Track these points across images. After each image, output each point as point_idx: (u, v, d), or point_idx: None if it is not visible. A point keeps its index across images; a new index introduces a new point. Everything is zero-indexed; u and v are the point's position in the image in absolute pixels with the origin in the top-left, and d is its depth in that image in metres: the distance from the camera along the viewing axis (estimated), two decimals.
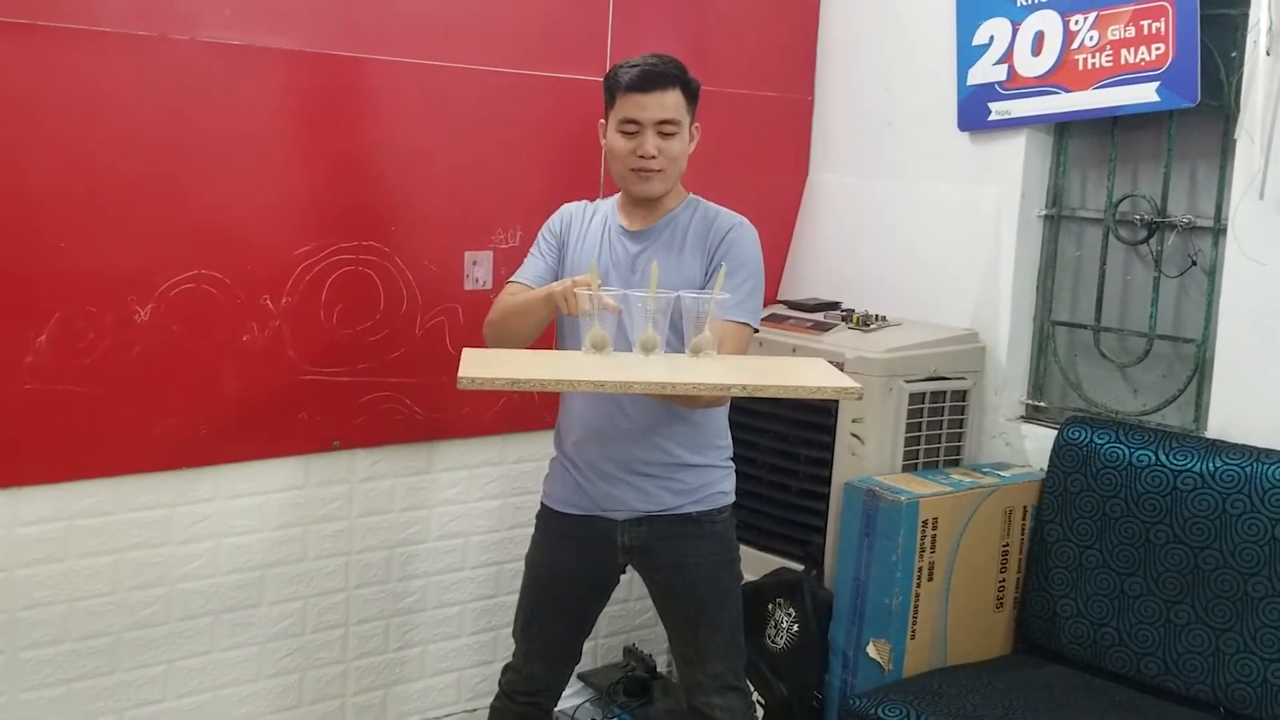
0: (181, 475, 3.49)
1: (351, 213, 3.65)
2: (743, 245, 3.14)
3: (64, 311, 3.21)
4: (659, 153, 3.07)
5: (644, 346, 2.82)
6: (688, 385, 2.68)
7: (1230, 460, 3.43)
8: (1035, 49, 3.95)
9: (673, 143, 3.08)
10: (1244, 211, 3.52)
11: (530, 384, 2.69)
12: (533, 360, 2.87)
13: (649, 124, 3.05)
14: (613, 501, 3.17)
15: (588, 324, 2.81)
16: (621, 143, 3.09)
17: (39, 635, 3.33)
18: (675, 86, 3.08)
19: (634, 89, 3.05)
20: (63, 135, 3.17)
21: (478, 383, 2.63)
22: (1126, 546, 3.57)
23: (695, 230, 3.15)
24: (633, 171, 3.10)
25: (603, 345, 2.82)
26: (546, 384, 2.74)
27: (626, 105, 3.07)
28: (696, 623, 3.21)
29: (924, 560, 3.59)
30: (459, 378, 2.61)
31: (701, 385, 2.70)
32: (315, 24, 3.52)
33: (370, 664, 3.95)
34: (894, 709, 3.33)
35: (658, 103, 3.05)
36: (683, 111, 3.10)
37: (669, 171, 3.10)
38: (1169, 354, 3.89)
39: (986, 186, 4.14)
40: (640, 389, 2.69)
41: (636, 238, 3.17)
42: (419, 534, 3.98)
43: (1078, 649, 3.65)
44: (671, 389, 2.69)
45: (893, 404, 3.82)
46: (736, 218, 3.18)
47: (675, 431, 3.14)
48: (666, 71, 3.07)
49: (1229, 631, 3.37)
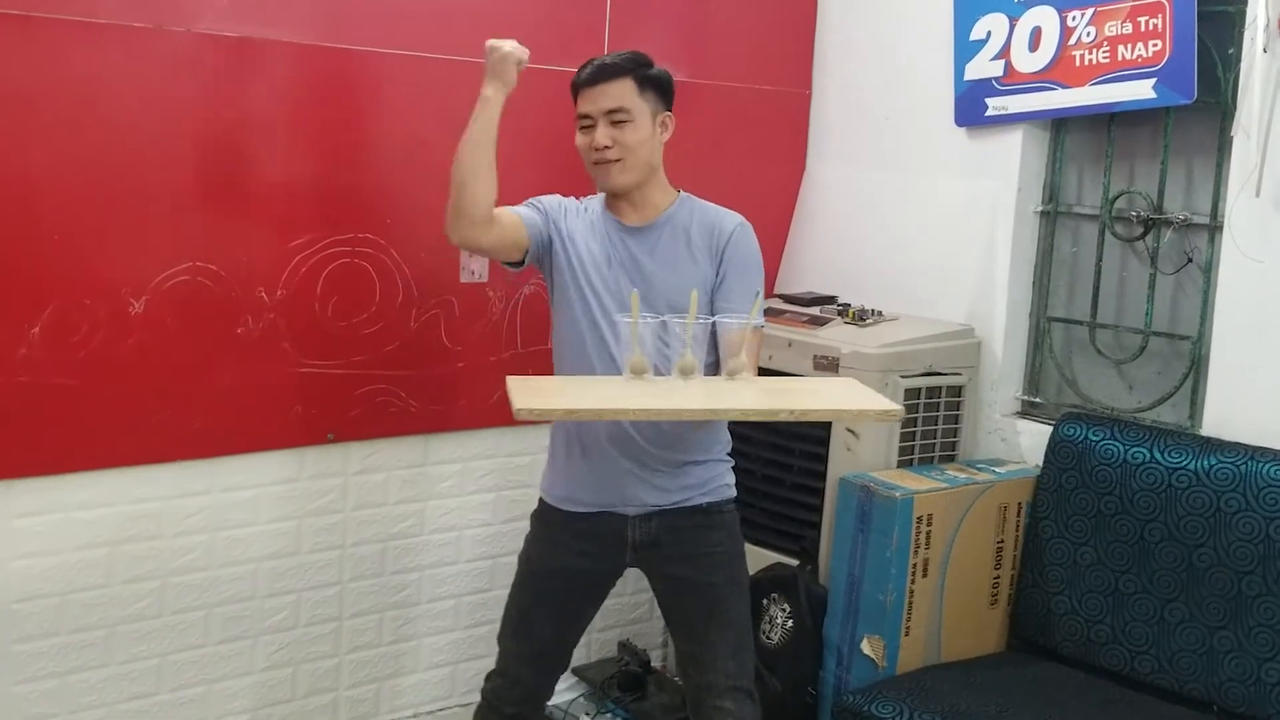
0: (175, 468, 3.49)
1: (347, 205, 3.64)
2: (749, 246, 3.19)
3: (58, 304, 3.20)
4: (613, 142, 3.11)
5: (682, 371, 2.88)
6: (736, 412, 2.86)
7: (1225, 458, 3.43)
8: (1032, 45, 3.95)
9: (625, 131, 3.12)
10: (1240, 208, 3.51)
11: (586, 414, 2.86)
12: (579, 387, 2.98)
13: (599, 115, 3.12)
14: (624, 497, 3.16)
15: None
16: (580, 139, 3.18)
17: (31, 628, 3.32)
18: (624, 76, 3.13)
19: (583, 85, 3.16)
20: (57, 127, 3.17)
21: (536, 413, 2.70)
22: (1121, 544, 3.57)
23: (698, 230, 3.16)
24: (594, 165, 3.16)
25: (642, 371, 2.87)
26: (603, 413, 2.87)
27: (580, 102, 3.17)
28: (710, 616, 3.18)
29: (918, 556, 3.59)
30: (515, 409, 2.64)
31: (750, 411, 2.87)
32: (311, 16, 3.51)
33: (364, 657, 3.94)
34: (888, 705, 3.34)
35: (604, 93, 3.12)
36: (633, 99, 3.13)
37: (628, 161, 3.13)
38: (1165, 351, 3.89)
39: (983, 182, 4.14)
40: (690, 416, 2.83)
41: (639, 235, 3.17)
42: (413, 527, 3.97)
43: (1072, 646, 3.65)
44: (723, 415, 2.87)
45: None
46: (736, 217, 3.21)
47: (687, 428, 3.13)
48: (614, 63, 3.14)
49: (1223, 630, 3.37)
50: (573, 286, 3.15)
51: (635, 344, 2.86)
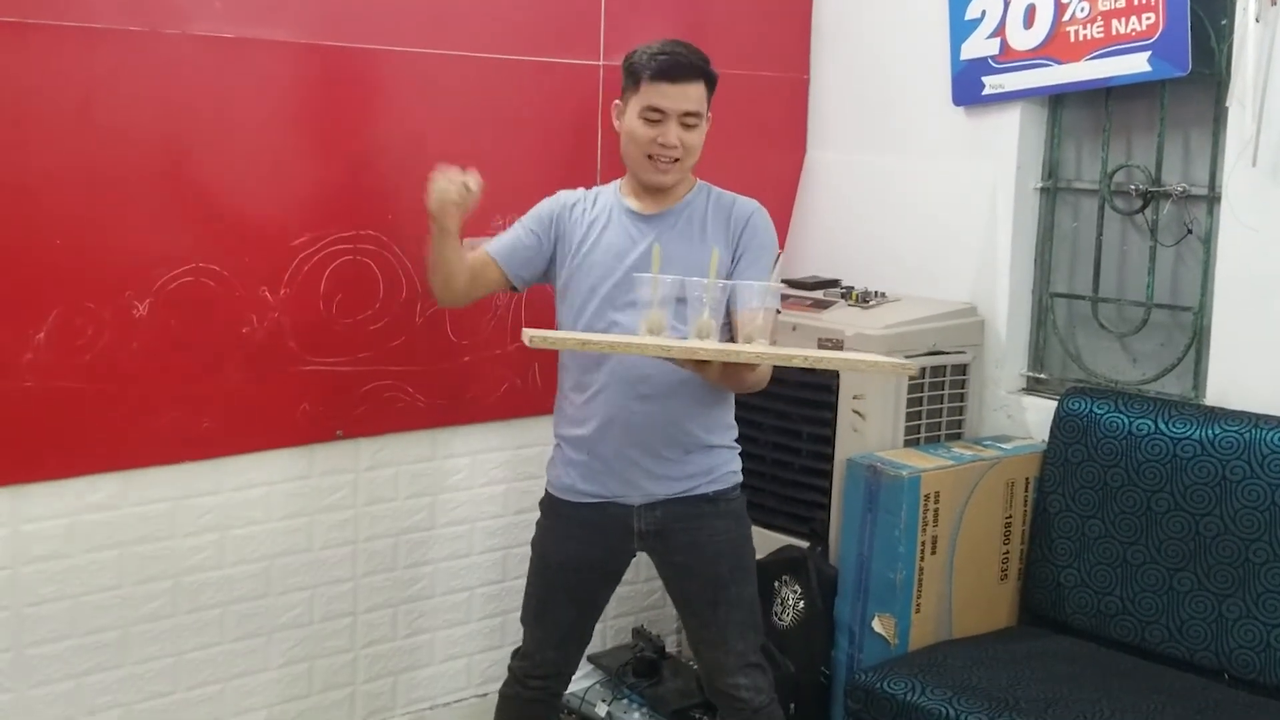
0: (185, 469, 3.50)
1: (348, 202, 3.65)
2: (766, 230, 3.20)
3: (62, 308, 3.22)
4: (680, 143, 3.09)
5: (700, 333, 2.85)
6: (751, 354, 2.80)
7: (1229, 427, 3.44)
8: (1027, 22, 3.95)
9: (693, 134, 3.11)
10: (1237, 179, 3.52)
11: (600, 345, 2.89)
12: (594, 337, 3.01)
13: (674, 114, 3.07)
14: (629, 487, 3.18)
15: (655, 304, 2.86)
16: (643, 129, 3.10)
17: (45, 631, 3.34)
18: (700, 78, 3.10)
19: (661, 77, 3.06)
20: (57, 132, 3.18)
21: (549, 340, 2.79)
22: (1128, 515, 3.57)
23: (714, 216, 3.18)
24: (649, 159, 3.11)
25: (659, 329, 2.84)
26: (616, 345, 2.90)
27: (652, 93, 3.07)
28: (716, 601, 3.22)
29: (927, 534, 3.60)
30: (527, 338, 2.75)
31: (765, 355, 2.83)
32: (307, 14, 3.52)
33: (379, 651, 3.96)
34: (900, 682, 3.35)
35: (684, 94, 3.07)
36: (704, 104, 3.12)
37: (685, 162, 3.13)
38: (1167, 322, 3.90)
39: (982, 161, 4.14)
40: (705, 354, 2.78)
41: (651, 221, 3.18)
42: (425, 521, 3.99)
43: (1082, 619, 3.66)
44: (737, 356, 2.79)
45: (893, 379, 3.82)
46: (752, 203, 3.22)
47: (693, 414, 3.16)
48: (694, 63, 3.09)
49: (1231, 597, 3.38)
50: (578, 277, 3.17)
51: (655, 301, 2.84)
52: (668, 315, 2.87)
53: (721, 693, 3.27)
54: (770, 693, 3.29)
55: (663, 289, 2.85)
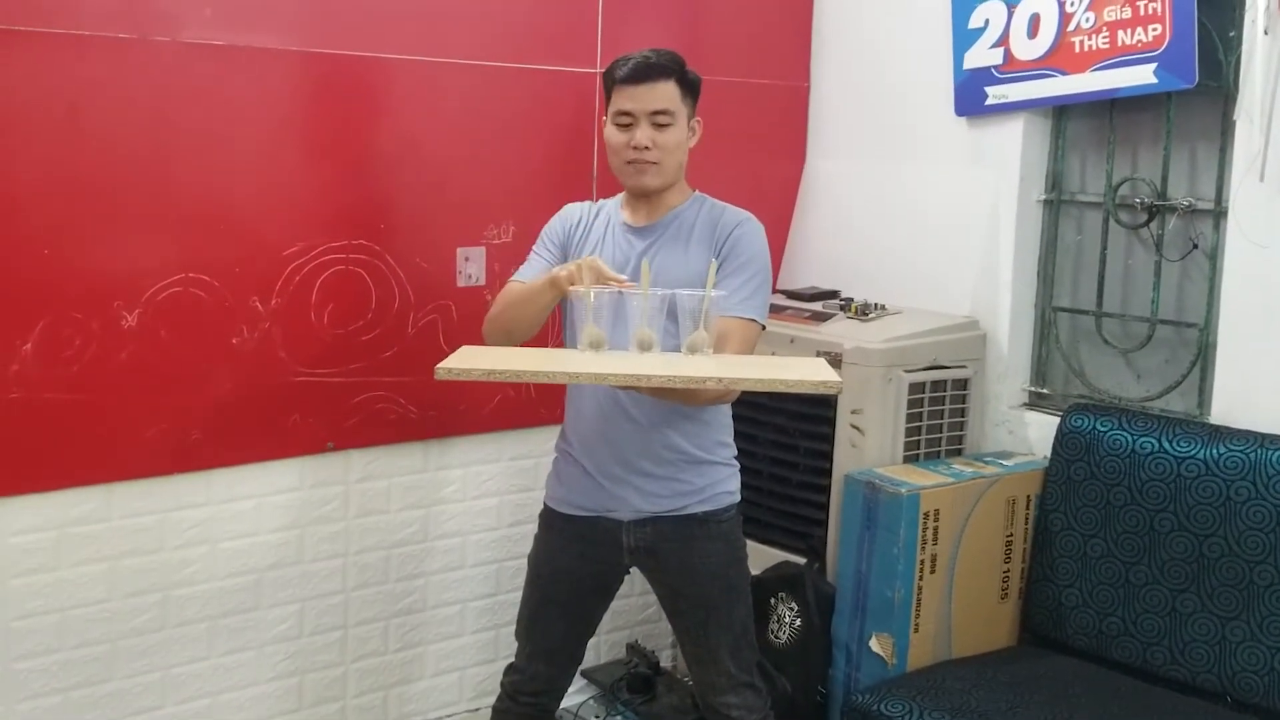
0: (174, 480, 3.47)
1: (340, 211, 3.62)
2: (749, 241, 3.13)
3: (49, 319, 3.19)
4: (653, 144, 3.06)
5: (640, 344, 2.79)
6: (661, 378, 2.65)
7: (1234, 446, 3.38)
8: (1031, 32, 3.91)
9: (667, 134, 3.07)
10: (1244, 193, 3.47)
11: (506, 374, 2.68)
12: (521, 356, 2.85)
13: (642, 115, 3.05)
14: (618, 503, 3.15)
15: (590, 318, 2.78)
16: (617, 135, 3.09)
17: (32, 645, 3.31)
18: (669, 78, 3.07)
19: (627, 81, 3.06)
20: (45, 141, 3.15)
21: (455, 373, 2.62)
22: (1131, 535, 3.53)
23: (702, 226, 3.13)
24: (628, 164, 3.09)
25: (599, 344, 2.79)
26: (523, 374, 2.75)
27: (620, 97, 3.07)
28: (706, 623, 3.20)
29: (926, 552, 3.55)
30: (436, 368, 2.61)
31: (676, 379, 2.65)
32: (299, 21, 3.49)
33: (370, 665, 3.92)
34: (898, 704, 3.30)
35: (650, 93, 3.04)
36: (677, 103, 3.08)
37: (665, 163, 3.08)
38: (1172, 339, 3.85)
39: (985, 171, 4.10)
40: (614, 381, 2.71)
41: (641, 233, 3.15)
42: (417, 534, 3.95)
43: (1084, 639, 3.61)
44: (647, 381, 2.68)
45: (892, 394, 3.78)
46: (743, 214, 3.17)
47: (682, 429, 3.12)
48: (660, 63, 3.07)
49: (1235, 620, 3.33)
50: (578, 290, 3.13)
51: (589, 317, 2.78)
52: (658, 330, 2.81)
53: (714, 711, 3.25)
54: (764, 712, 3.25)
55: (652, 303, 2.79)
